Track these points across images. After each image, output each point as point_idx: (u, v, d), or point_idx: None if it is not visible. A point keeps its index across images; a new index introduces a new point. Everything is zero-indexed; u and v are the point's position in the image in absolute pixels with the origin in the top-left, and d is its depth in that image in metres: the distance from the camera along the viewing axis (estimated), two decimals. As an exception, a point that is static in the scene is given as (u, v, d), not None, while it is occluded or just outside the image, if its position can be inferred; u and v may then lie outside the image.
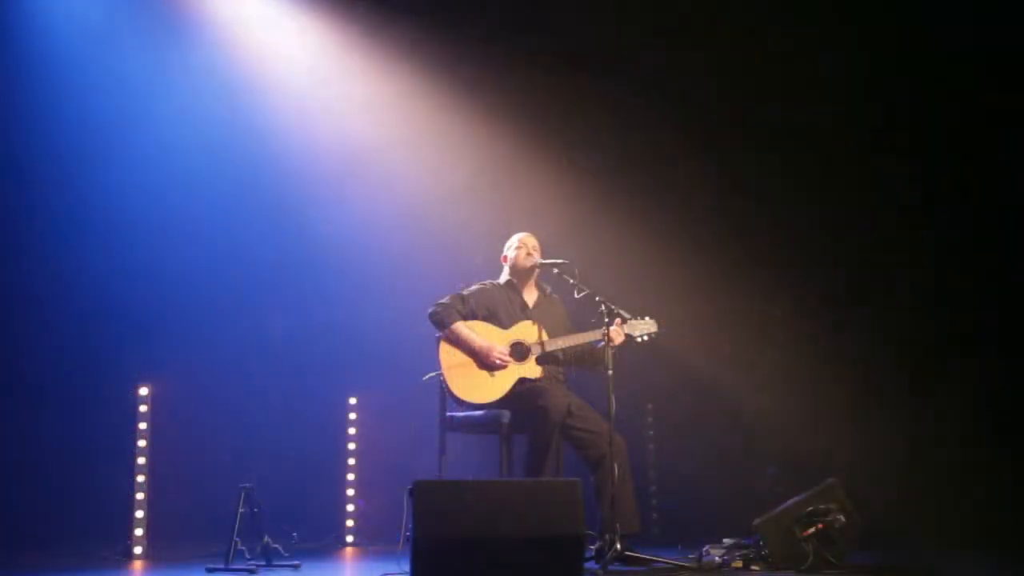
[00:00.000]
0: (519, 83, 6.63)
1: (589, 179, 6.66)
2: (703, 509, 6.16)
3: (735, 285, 6.45)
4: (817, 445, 5.97)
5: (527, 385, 4.90)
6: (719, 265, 6.48)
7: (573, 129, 6.72)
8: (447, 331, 4.94)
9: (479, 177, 6.73)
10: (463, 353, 4.92)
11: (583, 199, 6.63)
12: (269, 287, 6.52)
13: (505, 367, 4.90)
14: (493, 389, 4.87)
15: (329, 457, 6.26)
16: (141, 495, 5.34)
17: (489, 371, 4.90)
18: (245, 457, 5.92)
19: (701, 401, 6.50)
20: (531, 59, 6.66)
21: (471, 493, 3.91)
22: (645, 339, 4.98)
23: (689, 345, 6.26)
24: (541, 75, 6.67)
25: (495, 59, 6.59)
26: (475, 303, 5.08)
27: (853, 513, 4.54)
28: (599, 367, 4.83)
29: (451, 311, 4.98)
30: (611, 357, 4.63)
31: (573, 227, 6.33)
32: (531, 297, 5.22)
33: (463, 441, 5.19)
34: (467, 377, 4.88)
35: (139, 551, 5.25)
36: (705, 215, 6.62)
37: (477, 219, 6.46)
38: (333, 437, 6.27)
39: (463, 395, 4.87)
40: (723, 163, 6.63)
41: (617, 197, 6.61)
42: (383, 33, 6.63)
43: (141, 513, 5.32)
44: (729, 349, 6.47)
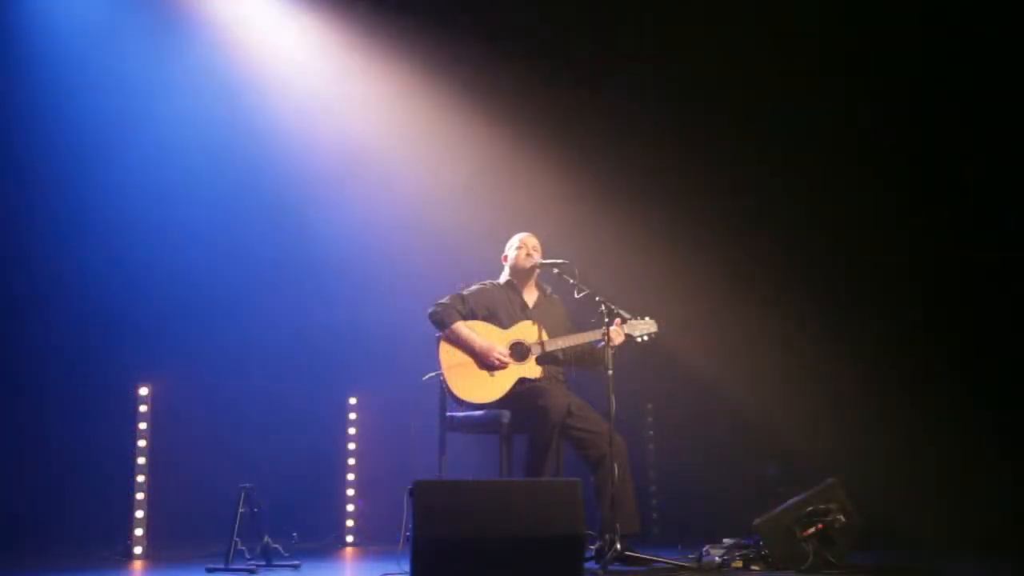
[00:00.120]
0: (519, 83, 6.63)
1: (589, 179, 6.65)
2: (703, 509, 6.16)
3: (735, 285, 6.44)
4: (817, 445, 5.98)
5: (527, 385, 4.90)
6: (719, 265, 6.49)
7: (573, 129, 6.72)
8: (447, 331, 4.94)
9: (479, 177, 6.73)
10: (463, 353, 4.92)
11: (583, 199, 6.63)
12: (269, 287, 6.52)
13: (505, 367, 4.90)
14: (493, 389, 4.87)
15: (329, 457, 6.27)
16: (141, 495, 5.34)
17: (489, 371, 4.90)
18: (245, 457, 5.91)
19: (701, 401, 6.50)
20: (531, 59, 6.66)
21: (471, 493, 3.91)
22: (645, 339, 4.98)
23: (689, 345, 6.27)
24: (541, 75, 6.68)
25: (495, 59, 6.59)
26: (475, 303, 5.08)
27: (853, 513, 4.54)
28: (599, 367, 4.82)
29: (451, 311, 4.98)
30: (611, 357, 4.63)
31: (573, 227, 6.33)
32: (531, 297, 5.22)
33: (463, 441, 5.19)
34: (467, 377, 4.88)
35: (139, 551, 5.25)
36: (705, 215, 6.62)
37: (477, 219, 6.46)
38: (333, 437, 6.27)
39: (463, 395, 4.87)
40: (723, 163, 6.64)
41: (617, 197, 6.61)
42: (383, 33, 6.63)
43: (141, 513, 5.31)
44: (729, 349, 6.47)
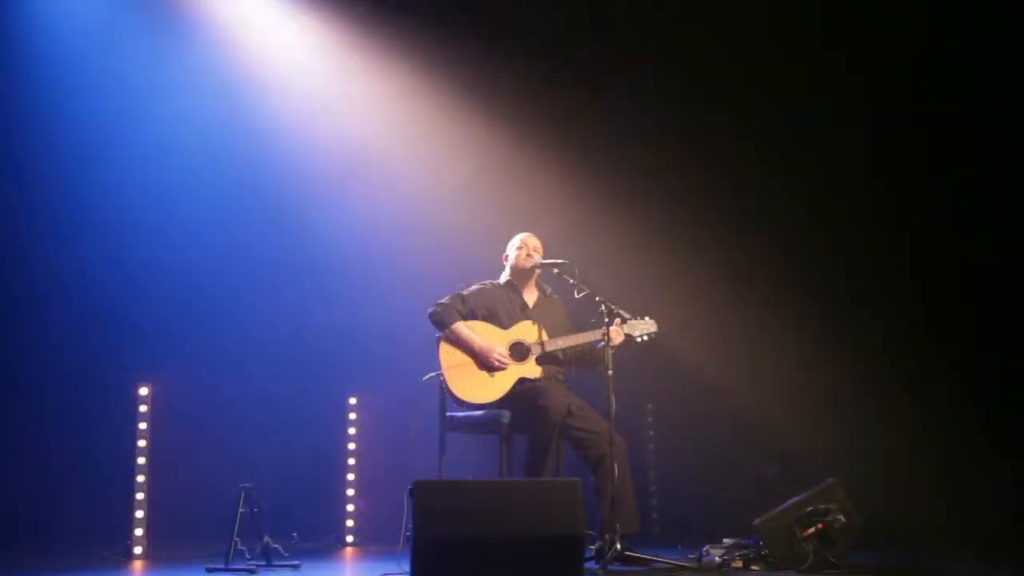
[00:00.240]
0: (519, 83, 6.63)
1: (589, 179, 6.65)
2: (703, 509, 6.16)
3: (735, 285, 6.44)
4: (817, 445, 5.98)
5: (527, 385, 4.89)
6: (719, 265, 6.49)
7: (573, 129, 6.72)
8: (447, 331, 4.94)
9: (479, 177, 6.73)
10: (463, 353, 4.92)
11: (583, 199, 6.63)
12: (269, 287, 6.52)
13: (504, 369, 4.90)
14: (493, 389, 4.87)
15: (329, 457, 6.26)
16: (141, 495, 5.34)
17: (489, 371, 4.90)
18: (245, 457, 5.91)
19: (701, 401, 6.50)
20: (531, 59, 6.66)
21: (471, 493, 3.91)
22: (645, 339, 4.98)
23: (689, 345, 6.27)
24: (541, 75, 6.68)
25: (495, 59, 6.59)
26: (475, 303, 5.07)
27: (853, 513, 4.54)
28: (599, 367, 4.82)
29: (451, 311, 4.97)
30: (611, 357, 4.63)
31: (573, 227, 6.32)
32: (531, 297, 5.22)
33: (463, 441, 5.19)
34: (467, 377, 4.88)
35: (139, 551, 5.25)
36: (705, 215, 6.62)
37: (477, 219, 6.46)
38: (333, 437, 6.27)
39: (463, 395, 4.87)
40: (723, 163, 6.63)
41: (617, 197, 6.61)
42: (383, 33, 6.63)
43: (141, 513, 5.31)
44: (729, 349, 6.47)
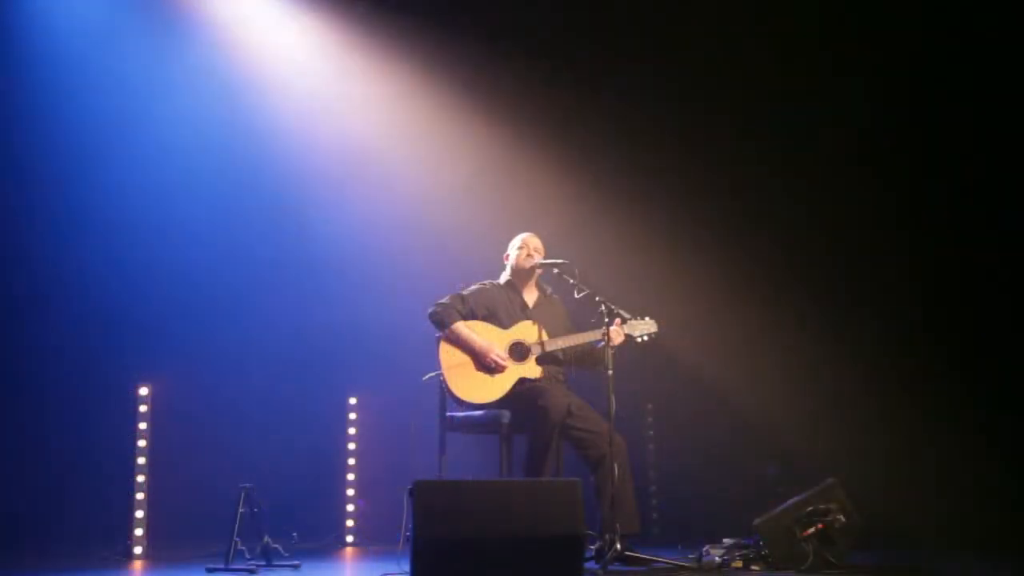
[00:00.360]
0: (519, 83, 6.63)
1: (589, 179, 6.65)
2: (703, 509, 6.16)
3: (735, 285, 6.44)
4: (817, 445, 5.98)
5: (527, 385, 4.89)
6: (719, 265, 6.48)
7: (573, 129, 6.72)
8: (447, 331, 4.94)
9: (479, 177, 6.73)
10: (463, 353, 4.92)
11: (583, 199, 6.63)
12: (269, 287, 6.52)
13: (503, 370, 4.90)
14: (493, 389, 4.87)
15: (329, 457, 6.26)
16: (141, 495, 5.33)
17: (489, 371, 4.90)
18: (245, 457, 5.91)
19: (701, 401, 6.50)
20: (532, 59, 6.66)
21: (471, 493, 3.91)
22: (645, 339, 4.98)
23: (689, 345, 6.26)
24: (541, 75, 6.67)
25: (495, 59, 6.59)
26: (475, 303, 5.07)
27: (853, 513, 4.54)
28: (599, 367, 4.82)
29: (451, 311, 4.97)
30: (611, 357, 4.63)
31: (573, 227, 6.32)
32: (531, 297, 5.22)
33: (463, 441, 5.19)
34: (467, 377, 4.88)
35: (139, 551, 5.25)
36: (705, 215, 6.62)
37: (477, 219, 6.46)
38: (333, 437, 6.27)
39: (463, 395, 4.87)
40: (723, 163, 6.63)
41: (617, 197, 6.61)
42: (383, 33, 6.63)
43: (141, 513, 5.31)
44: (729, 349, 6.47)
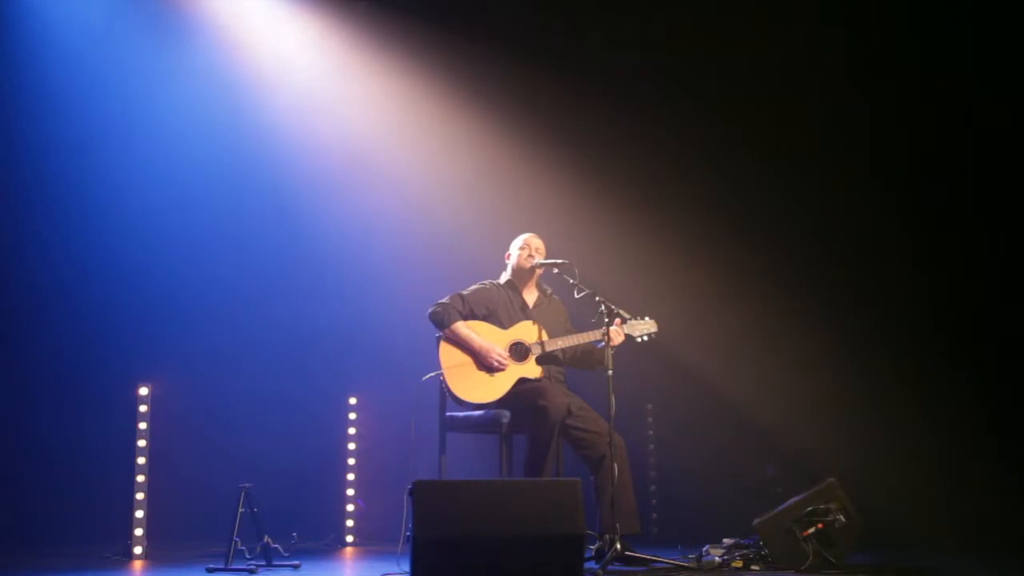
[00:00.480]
0: (520, 83, 6.64)
1: (589, 179, 6.65)
2: (703, 509, 6.16)
3: (735, 285, 6.44)
4: (817, 445, 5.98)
5: (527, 385, 4.89)
6: (719, 265, 6.49)
7: (573, 129, 6.72)
8: (447, 331, 4.94)
9: (479, 177, 6.73)
10: (463, 353, 4.92)
11: (583, 199, 6.63)
12: (269, 287, 6.52)
13: (503, 369, 4.90)
14: (493, 389, 4.87)
15: (329, 457, 6.26)
16: (141, 495, 5.33)
17: (489, 371, 4.90)
18: (245, 457, 5.91)
19: (701, 401, 6.50)
20: (532, 59, 6.66)
21: (471, 493, 3.91)
22: (645, 339, 4.98)
23: (689, 345, 6.26)
24: (542, 75, 6.68)
25: (496, 59, 6.59)
26: (475, 303, 5.07)
27: (853, 513, 4.54)
28: (599, 367, 4.82)
29: (451, 311, 4.97)
30: (611, 357, 4.63)
31: (573, 227, 6.33)
32: (531, 297, 5.22)
33: (463, 441, 5.19)
34: (467, 377, 4.88)
35: (139, 551, 5.24)
36: (705, 216, 6.62)
37: (477, 219, 6.46)
38: (333, 437, 6.26)
39: (463, 395, 4.87)
40: (723, 164, 6.63)
41: (617, 197, 6.61)
42: (383, 33, 6.63)
43: (141, 513, 5.30)
44: (729, 349, 6.47)
